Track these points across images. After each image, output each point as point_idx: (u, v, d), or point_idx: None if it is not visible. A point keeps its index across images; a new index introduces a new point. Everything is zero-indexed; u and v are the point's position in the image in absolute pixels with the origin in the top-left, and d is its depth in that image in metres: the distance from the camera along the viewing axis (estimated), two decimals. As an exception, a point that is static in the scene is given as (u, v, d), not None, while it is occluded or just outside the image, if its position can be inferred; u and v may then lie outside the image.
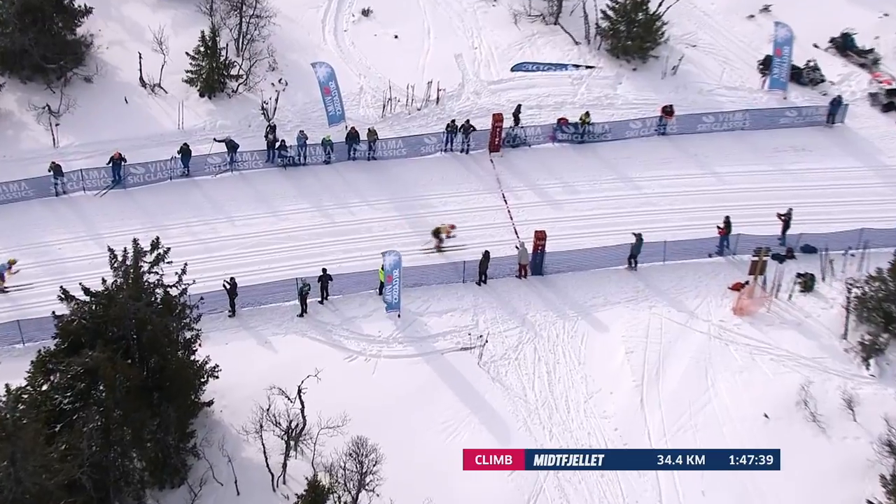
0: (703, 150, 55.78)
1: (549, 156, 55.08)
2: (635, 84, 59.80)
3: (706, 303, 47.30)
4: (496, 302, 47.00)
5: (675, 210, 51.92)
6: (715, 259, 49.34)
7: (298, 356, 43.48)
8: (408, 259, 47.52)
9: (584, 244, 49.06)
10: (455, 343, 45.03)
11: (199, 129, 54.85)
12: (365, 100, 57.47)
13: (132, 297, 36.79)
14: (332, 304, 46.50)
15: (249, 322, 45.58)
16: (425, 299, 46.92)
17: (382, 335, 45.24)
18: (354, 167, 53.91)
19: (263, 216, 50.67)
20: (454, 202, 51.91)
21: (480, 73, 59.66)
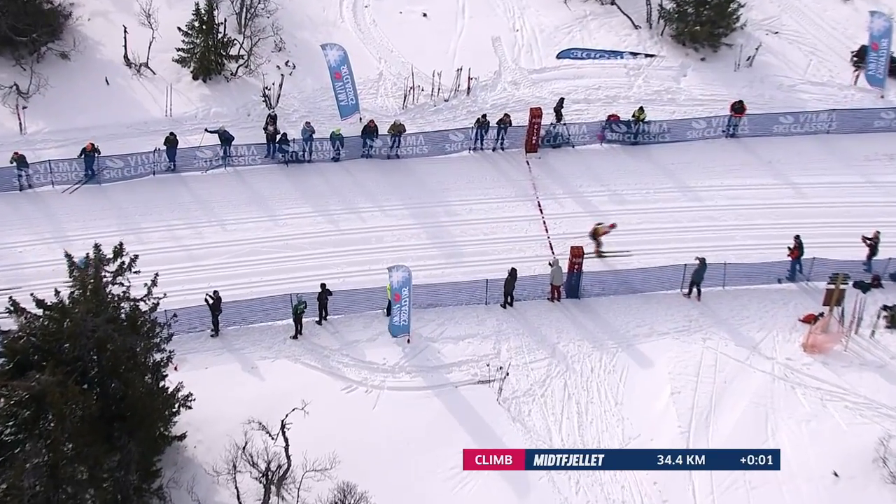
0: (780, 156, 55.36)
1: (596, 158, 54.88)
2: (702, 76, 59.43)
3: (771, 337, 46.84)
4: (523, 328, 46.84)
5: (740, 226, 51.57)
6: (785, 285, 48.86)
7: (289, 385, 43.46)
8: (423, 275, 47.59)
9: (630, 263, 48.86)
10: (472, 375, 44.84)
11: (190, 116, 55.06)
12: (384, 88, 57.59)
13: (90, 311, 36.73)
14: (331, 324, 46.57)
15: (234, 343, 45.63)
16: (440, 322, 46.84)
17: (387, 363, 45.18)
18: (367, 166, 54.03)
19: (259, 220, 50.86)
20: (481, 209, 51.93)
21: (521, 59, 59.58)
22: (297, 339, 45.68)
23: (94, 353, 37.05)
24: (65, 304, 36.91)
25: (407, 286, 44.59)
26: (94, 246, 38.40)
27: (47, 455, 34.79)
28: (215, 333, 45.66)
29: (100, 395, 37.47)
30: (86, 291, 37.08)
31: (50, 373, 35.43)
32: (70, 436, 35.43)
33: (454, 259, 49.52)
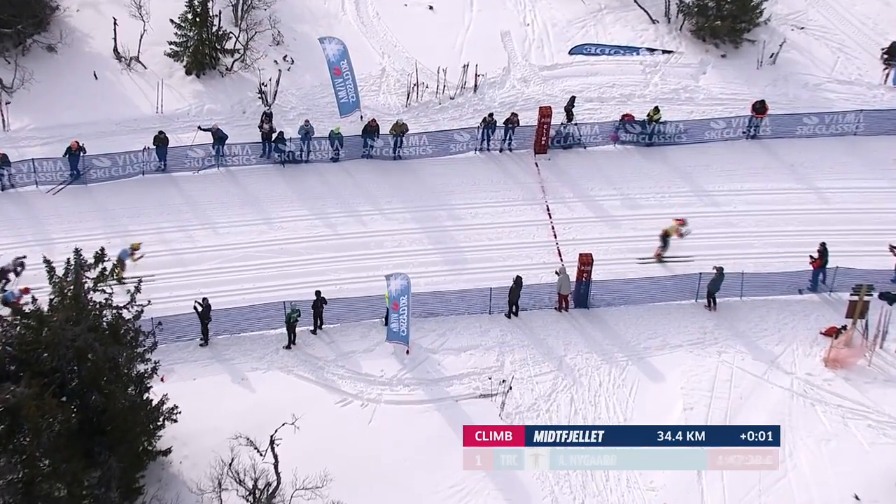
0: (803, 158, 55.10)
1: (608, 160, 54.73)
2: (723, 74, 59.16)
3: (791, 350, 46.60)
4: (528, 339, 46.71)
5: (760, 233, 51.37)
6: (806, 296, 48.60)
7: (280, 398, 43.38)
8: (424, 282, 47.58)
9: (642, 272, 48.72)
10: (473, 389, 44.74)
11: (183, 113, 55.11)
12: (387, 84, 57.56)
13: (70, 319, 36.67)
14: (326, 334, 46.55)
15: (224, 353, 45.62)
16: (441, 333, 46.74)
17: (385, 375, 45.12)
18: (368, 167, 53.98)
19: (252, 223, 50.89)
20: (486, 213, 51.82)
21: (531, 55, 59.45)
22: (290, 350, 45.63)
23: (74, 363, 36.98)
24: (42, 312, 36.78)
25: (405, 294, 44.48)
26: (74, 251, 38.12)
27: (22, 472, 34.75)
28: (204, 342, 45.62)
29: (79, 408, 37.39)
30: (64, 299, 36.87)
31: (26, 384, 35.46)
32: (46, 451, 35.42)
33: (457, 266, 49.40)
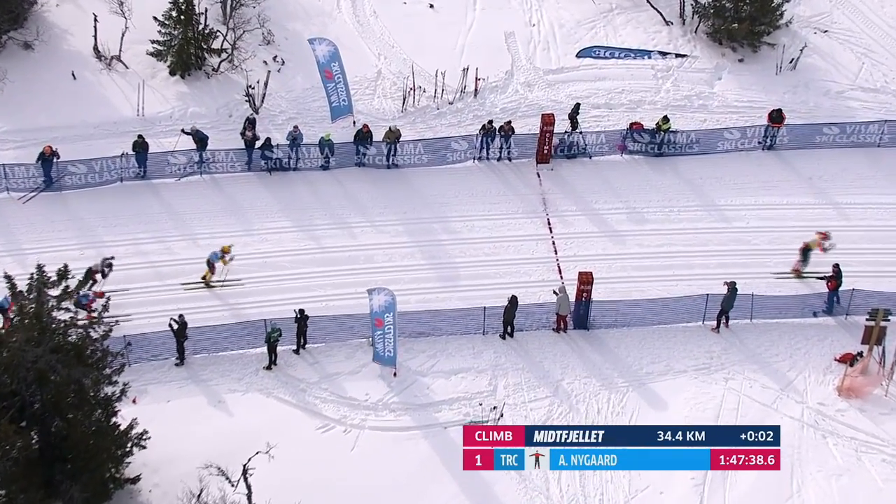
0: (822, 171, 54.95)
1: (615, 171, 54.63)
2: (740, 80, 59.06)
3: (802, 377, 46.43)
4: (523, 362, 46.59)
5: (774, 251, 51.13)
6: (821, 319, 48.42)
7: (259, 422, 43.38)
8: (415, 299, 47.64)
9: (647, 292, 48.55)
10: (463, 415, 44.56)
11: (165, 117, 55.12)
12: (383, 88, 57.58)
13: (31, 340, 36.61)
14: (310, 354, 46.46)
15: (201, 374, 45.55)
16: (431, 354, 46.63)
17: (370, 399, 45.01)
18: (360, 175, 53.93)
19: (235, 234, 50.63)
20: (483, 227, 51.68)
21: (536, 58, 59.41)
22: (270, 370, 45.60)
23: (35, 386, 36.81)
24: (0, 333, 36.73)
25: (391, 311, 44.34)
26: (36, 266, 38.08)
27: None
28: (180, 362, 45.55)
29: (40, 433, 37.21)
30: (24, 319, 36.81)
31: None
32: (3, 480, 35.29)
33: (451, 282, 49.27)
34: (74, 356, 38.04)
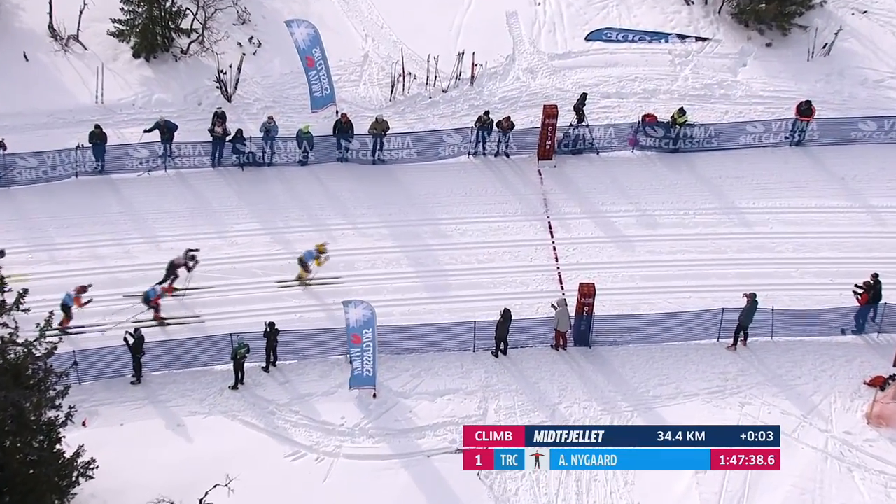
0: (856, 171, 54.39)
1: (625, 168, 54.21)
2: (766, 67, 58.65)
3: (828, 403, 45.83)
4: (517, 383, 46.04)
5: (800, 260, 50.73)
6: (850, 338, 47.86)
7: (222, 449, 42.83)
8: (399, 311, 47.30)
9: (657, 305, 48.07)
10: (449, 442, 44.02)
11: (127, 104, 54.71)
12: (370, 74, 57.16)
13: (-41, 360, 36.10)
14: (281, 372, 45.95)
15: (159, 393, 45.03)
16: (415, 373, 46.13)
17: (346, 423, 44.46)
18: (342, 172, 53.52)
19: (202, 237, 50.09)
20: (477, 231, 51.20)
21: (540, 41, 58.92)
22: (236, 390, 45.08)
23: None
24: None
25: (370, 327, 43.83)
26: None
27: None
28: (137, 380, 45.03)
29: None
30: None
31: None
32: (-73, 516, 34.68)
33: (439, 293, 48.76)
34: (12, 377, 37.29)
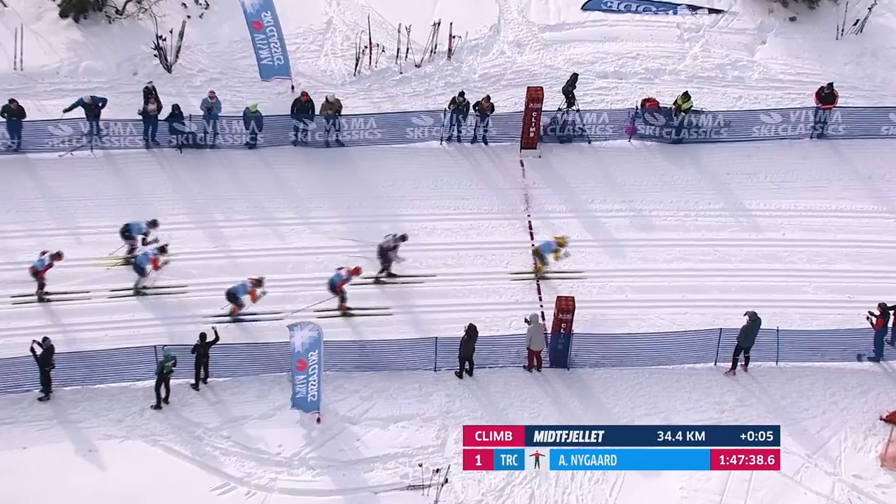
0: (886, 170, 54.74)
1: (619, 161, 54.45)
2: (789, 45, 58.99)
3: (837, 441, 45.99)
4: (482, 409, 46.15)
5: (814, 272, 50.89)
6: (867, 365, 48.01)
7: (139, 479, 43.02)
8: (352, 322, 47.70)
9: (648, 320, 48.36)
10: (400, 477, 44.12)
11: (51, 72, 55.08)
12: (332, 44, 57.46)
13: None
14: (212, 390, 46.09)
15: (71, 412, 45.13)
16: (366, 395, 46.26)
17: (284, 452, 44.55)
18: (295, 157, 53.80)
19: (130, 230, 49.90)
20: (446, 230, 51.47)
21: (530, 10, 59.35)
22: (160, 410, 45.13)
23: None
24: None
25: (316, 349, 44.04)
26: None
27: None
28: (45, 396, 45.13)
29: None
30: None
31: None
32: None
33: (399, 302, 49.05)
34: None
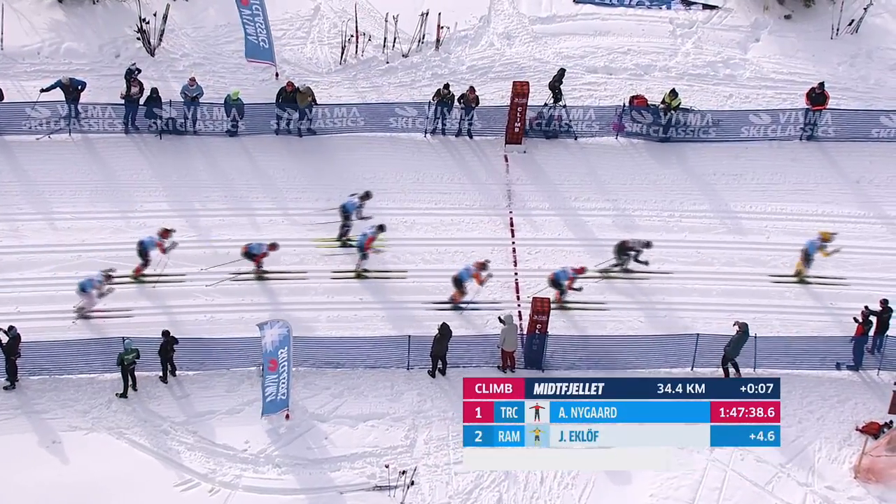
0: (874, 173, 54.31)
1: (605, 158, 54.20)
2: (782, 44, 58.55)
3: (812, 450, 45.74)
4: (453, 410, 45.67)
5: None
6: (845, 374, 47.77)
7: (101, 472, 42.90)
8: (325, 317, 47.67)
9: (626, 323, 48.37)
10: (367, 477, 43.93)
11: (31, 53, 54.96)
12: (319, 31, 57.17)
13: None
14: (180, 384, 45.90)
15: (36, 402, 45.02)
16: (337, 392, 46.06)
17: (250, 449, 44.38)
18: (276, 146, 53.63)
19: (106, 217, 50.44)
20: (426, 224, 51.25)
21: (521, 1, 58.99)
22: (126, 398, 44.99)
23: None
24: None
25: (286, 347, 43.71)
26: None
27: None
28: (11, 385, 45.06)
29: None
30: None
31: None
32: None
33: (374, 297, 48.95)
34: None
